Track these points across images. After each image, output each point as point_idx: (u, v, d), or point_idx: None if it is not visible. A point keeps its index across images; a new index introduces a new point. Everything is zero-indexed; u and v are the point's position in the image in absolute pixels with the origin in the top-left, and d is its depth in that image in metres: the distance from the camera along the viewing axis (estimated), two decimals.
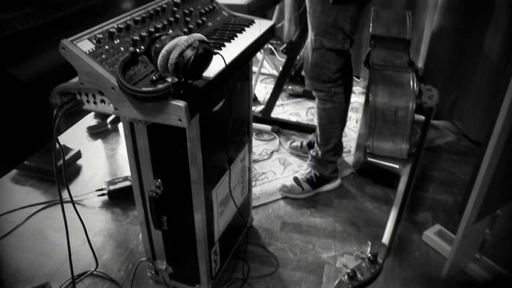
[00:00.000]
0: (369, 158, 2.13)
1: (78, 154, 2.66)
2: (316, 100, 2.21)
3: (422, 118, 1.81)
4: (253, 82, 2.13)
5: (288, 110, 3.22)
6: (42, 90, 1.21)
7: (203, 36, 1.11)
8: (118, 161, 2.69)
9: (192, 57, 1.05)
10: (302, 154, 2.64)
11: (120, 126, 2.98)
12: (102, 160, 2.69)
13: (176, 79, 1.07)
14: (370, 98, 2.14)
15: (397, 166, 2.11)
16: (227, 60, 1.24)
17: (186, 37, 1.09)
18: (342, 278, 1.55)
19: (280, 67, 3.10)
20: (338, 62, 2.06)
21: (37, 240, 2.08)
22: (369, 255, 1.85)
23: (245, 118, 1.80)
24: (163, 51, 1.08)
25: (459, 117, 2.95)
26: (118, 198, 2.32)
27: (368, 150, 2.14)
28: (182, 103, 1.07)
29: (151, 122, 1.20)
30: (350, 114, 2.62)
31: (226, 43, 1.42)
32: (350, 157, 2.65)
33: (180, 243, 1.64)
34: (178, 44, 1.07)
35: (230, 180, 1.67)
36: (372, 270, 1.62)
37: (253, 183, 2.30)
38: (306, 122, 3.03)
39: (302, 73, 2.60)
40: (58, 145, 1.23)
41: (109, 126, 3.00)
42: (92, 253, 1.68)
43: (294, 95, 3.40)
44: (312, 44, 2.04)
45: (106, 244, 2.06)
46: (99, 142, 2.87)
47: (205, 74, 1.16)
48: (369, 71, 2.27)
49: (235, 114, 1.66)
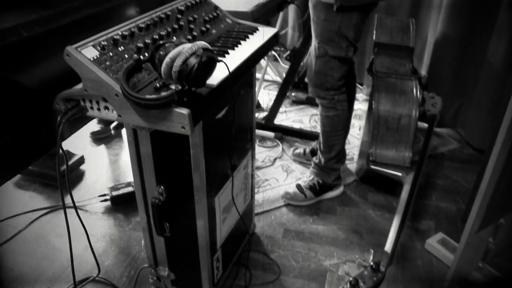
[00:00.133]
0: (372, 166, 2.13)
1: (81, 160, 2.67)
2: (319, 107, 2.21)
3: (425, 125, 1.81)
4: (256, 89, 2.14)
5: (291, 117, 3.22)
6: (47, 96, 1.21)
7: (207, 44, 1.12)
8: (121, 166, 2.69)
9: (195, 65, 1.06)
10: (305, 161, 2.64)
11: (123, 131, 2.98)
12: (105, 165, 2.70)
13: (179, 87, 1.08)
14: (373, 105, 2.14)
15: (400, 174, 2.11)
16: (231, 67, 1.24)
17: (190, 44, 1.09)
18: (345, 286, 1.55)
19: (283, 74, 3.11)
20: (341, 70, 2.06)
21: (39, 245, 2.09)
22: (371, 263, 1.85)
23: (248, 125, 1.81)
24: (167, 59, 1.08)
25: (462, 124, 2.95)
26: (120, 204, 2.32)
27: (371, 158, 2.14)
28: (185, 111, 1.07)
29: (155, 129, 1.21)
30: (353, 121, 2.61)
31: (229, 51, 1.43)
32: (353, 164, 2.65)
33: (182, 250, 1.64)
34: (182, 51, 1.07)
35: (233, 187, 1.67)
36: (374, 279, 1.61)
37: (255, 190, 2.30)
38: (309, 129, 3.03)
39: (306, 80, 2.60)
40: (61, 151, 1.23)
41: (112, 131, 3.00)
42: (94, 259, 1.68)
43: (297, 102, 3.40)
44: (315, 51, 2.04)
45: (108, 250, 2.06)
46: (103, 147, 2.88)
47: (208, 82, 1.16)
48: (372, 79, 2.27)
49: (238, 121, 1.67)
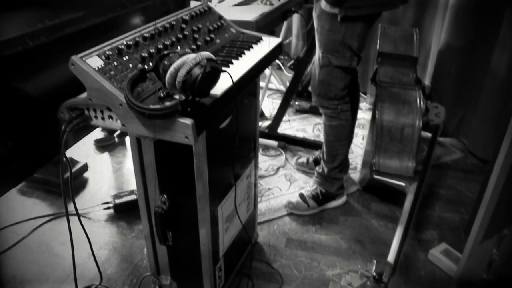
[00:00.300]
0: (375, 176, 2.13)
1: (85, 167, 2.68)
2: (323, 117, 2.21)
3: (429, 135, 1.81)
4: (260, 98, 2.14)
5: (294, 126, 3.22)
6: (51, 105, 1.22)
7: (211, 54, 1.12)
8: (124, 174, 2.69)
9: (199, 75, 1.06)
10: (308, 170, 2.64)
11: (127, 139, 2.99)
12: (108, 173, 2.70)
13: (183, 97, 1.08)
14: (377, 115, 2.14)
15: (403, 184, 2.11)
16: (235, 77, 1.25)
17: (194, 55, 1.10)
18: None
19: (287, 83, 3.11)
20: (345, 80, 2.06)
21: (42, 252, 2.09)
22: (374, 274, 1.85)
23: (251, 134, 1.81)
24: (171, 69, 1.09)
25: (466, 134, 2.94)
26: (123, 212, 2.32)
27: (374, 168, 2.14)
28: (189, 121, 1.08)
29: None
30: (356, 130, 2.62)
31: (233, 60, 1.43)
32: (356, 174, 2.64)
33: (184, 259, 1.64)
34: (186, 62, 1.08)
35: (235, 196, 1.67)
36: None
37: (258, 199, 2.30)
38: (313, 138, 3.03)
39: (309, 89, 2.61)
40: (65, 159, 1.24)
41: (116, 139, 3.01)
42: (96, 266, 1.67)
43: (301, 111, 3.40)
44: (319, 61, 2.05)
45: (111, 258, 2.06)
46: (106, 155, 2.89)
47: (212, 92, 1.17)
48: (376, 88, 2.28)
49: (242, 130, 1.67)
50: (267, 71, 3.26)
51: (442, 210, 2.37)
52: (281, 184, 2.57)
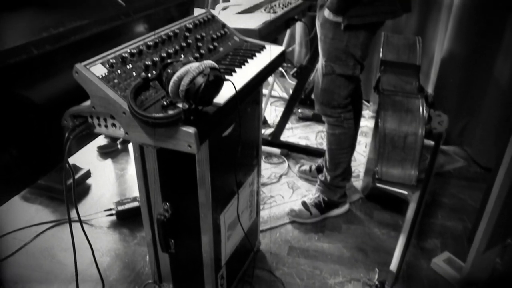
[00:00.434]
0: (377, 184, 2.13)
1: (88, 174, 2.68)
2: (325, 125, 2.21)
3: (432, 143, 1.81)
4: (263, 105, 2.14)
5: (297, 133, 3.22)
6: (55, 113, 1.23)
7: (214, 63, 1.12)
8: (127, 181, 2.70)
9: (203, 84, 1.06)
10: (311, 178, 2.64)
11: (130, 146, 3.00)
12: (111, 180, 2.71)
13: (186, 105, 1.08)
14: (380, 124, 2.14)
15: (406, 192, 2.10)
16: (238, 86, 1.25)
17: (197, 64, 1.10)
18: None
19: (290, 90, 3.12)
20: (348, 88, 2.07)
21: (44, 259, 2.09)
22: (376, 283, 1.84)
23: (254, 142, 1.81)
24: (175, 78, 1.09)
25: (469, 142, 2.94)
26: (126, 219, 2.32)
27: (377, 176, 2.13)
28: (192, 130, 1.08)
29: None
30: (359, 138, 2.61)
31: (237, 69, 1.44)
32: (358, 182, 2.64)
33: (187, 267, 1.64)
34: (189, 71, 1.08)
35: (238, 204, 1.67)
36: None
37: (261, 207, 2.30)
38: (316, 146, 3.03)
39: (312, 96, 2.61)
40: (68, 166, 1.24)
41: (119, 146, 3.02)
42: (98, 273, 1.67)
43: (303, 119, 3.40)
44: (322, 69, 2.05)
45: (113, 265, 2.06)
46: (109, 161, 2.89)
47: (215, 100, 1.17)
48: (378, 97, 2.28)
49: (245, 138, 1.67)
50: (270, 79, 3.26)
51: (445, 218, 2.36)
52: (283, 191, 2.57)
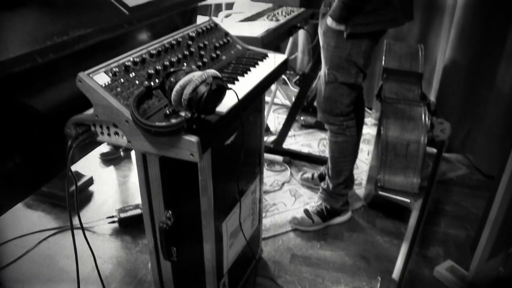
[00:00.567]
0: (380, 192, 2.13)
1: (90, 181, 2.68)
2: (328, 133, 2.21)
3: (434, 151, 1.81)
4: (265, 112, 2.15)
5: (300, 141, 3.22)
6: (58, 121, 1.23)
7: (217, 71, 1.13)
8: (129, 188, 2.70)
9: (205, 93, 1.07)
10: (313, 186, 2.64)
11: (132, 153, 3.00)
12: (113, 187, 2.71)
13: (189, 114, 1.08)
14: (382, 131, 2.14)
15: (408, 200, 2.10)
16: (240, 94, 1.26)
17: (200, 72, 1.11)
18: None
19: (292, 97, 3.12)
20: (351, 96, 2.07)
21: (46, 266, 2.09)
22: None
23: (257, 150, 1.81)
24: (177, 86, 1.09)
25: (472, 150, 2.93)
26: (128, 226, 2.32)
27: (379, 184, 2.13)
28: (194, 138, 1.08)
29: None
30: (361, 146, 2.61)
31: (239, 77, 1.44)
32: (361, 189, 2.64)
33: (189, 274, 1.63)
34: (192, 79, 1.09)
35: (240, 212, 1.67)
36: None
37: (263, 214, 2.30)
38: (318, 154, 3.03)
39: (315, 104, 2.62)
40: (71, 173, 1.25)
41: (121, 153, 3.02)
42: (100, 281, 1.67)
43: (306, 126, 3.40)
44: (325, 77, 2.06)
45: (115, 272, 2.06)
46: (112, 168, 2.90)
47: (218, 109, 1.18)
48: (381, 105, 2.28)
49: (247, 146, 1.67)
50: (273, 86, 3.27)
51: (448, 226, 2.35)
52: (286, 199, 2.57)
